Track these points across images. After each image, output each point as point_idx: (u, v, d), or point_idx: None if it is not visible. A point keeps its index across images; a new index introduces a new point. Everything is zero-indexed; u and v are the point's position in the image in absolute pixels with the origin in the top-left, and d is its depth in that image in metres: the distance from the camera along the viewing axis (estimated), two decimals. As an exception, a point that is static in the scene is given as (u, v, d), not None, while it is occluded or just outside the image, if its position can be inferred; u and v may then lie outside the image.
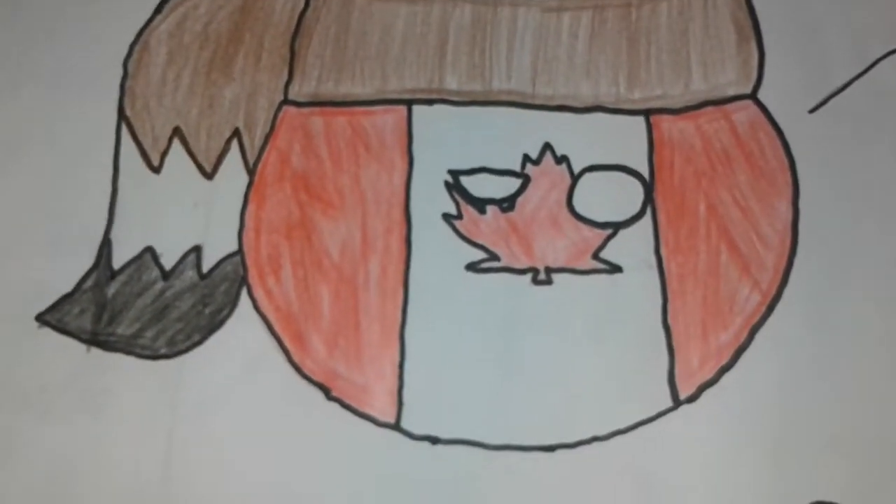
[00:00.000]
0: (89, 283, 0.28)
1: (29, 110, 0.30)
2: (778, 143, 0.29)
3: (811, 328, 0.27)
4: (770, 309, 0.27)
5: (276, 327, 0.28)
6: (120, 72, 0.30)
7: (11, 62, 0.31)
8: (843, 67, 0.30)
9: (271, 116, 0.30)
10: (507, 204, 0.29)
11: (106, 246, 0.29)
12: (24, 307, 0.28)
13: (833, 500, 0.25)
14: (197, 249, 0.28)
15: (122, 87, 0.30)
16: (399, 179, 0.29)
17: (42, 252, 0.29)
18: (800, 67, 0.30)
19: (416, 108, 0.29)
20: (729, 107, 0.29)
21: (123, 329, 0.27)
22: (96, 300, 0.28)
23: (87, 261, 0.28)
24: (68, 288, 0.28)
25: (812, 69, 0.30)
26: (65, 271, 0.28)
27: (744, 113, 0.29)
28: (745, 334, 0.27)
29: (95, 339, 0.27)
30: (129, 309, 0.28)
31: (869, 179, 0.29)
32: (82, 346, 0.27)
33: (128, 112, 0.30)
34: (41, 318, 0.28)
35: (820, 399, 0.27)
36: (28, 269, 0.28)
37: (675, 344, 0.27)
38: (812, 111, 0.29)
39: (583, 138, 0.29)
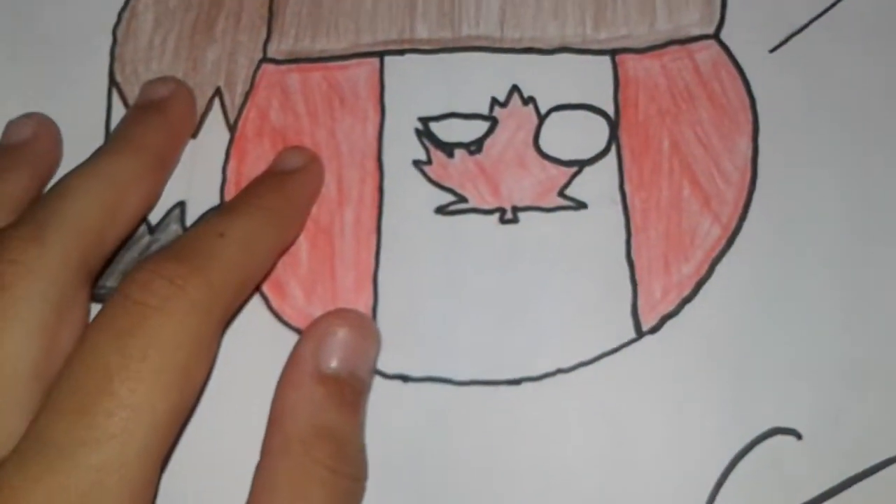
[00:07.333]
0: (79, 239, 0.29)
1: (25, 78, 0.31)
2: (739, 81, 0.29)
3: (769, 260, 0.27)
4: (730, 242, 0.27)
5: (256, 276, 0.28)
6: (109, 39, 0.31)
7: (5, 34, 0.31)
8: (802, 9, 0.30)
9: (251, 74, 0.30)
10: (474, 147, 0.29)
11: (96, 203, 0.29)
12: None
13: (793, 426, 0.25)
14: (181, 204, 0.29)
15: (111, 53, 0.31)
16: (372, 130, 0.29)
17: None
18: (761, 9, 0.30)
19: (388, 59, 0.30)
20: (692, 46, 0.29)
21: (112, 282, 0.28)
22: (84, 256, 0.29)
23: (78, 218, 0.29)
24: (59, 244, 0.29)
25: (773, 11, 0.30)
26: (56, 228, 0.29)
27: (706, 52, 0.29)
28: (705, 267, 0.27)
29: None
30: (118, 262, 0.28)
31: (825, 115, 0.29)
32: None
33: (118, 78, 0.31)
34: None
35: (778, 328, 0.26)
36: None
37: (637, 277, 0.27)
38: (772, 51, 0.29)
39: (550, 79, 0.29)
